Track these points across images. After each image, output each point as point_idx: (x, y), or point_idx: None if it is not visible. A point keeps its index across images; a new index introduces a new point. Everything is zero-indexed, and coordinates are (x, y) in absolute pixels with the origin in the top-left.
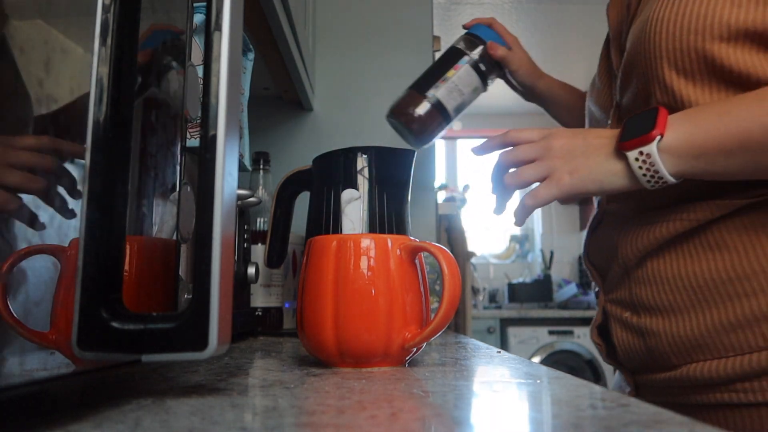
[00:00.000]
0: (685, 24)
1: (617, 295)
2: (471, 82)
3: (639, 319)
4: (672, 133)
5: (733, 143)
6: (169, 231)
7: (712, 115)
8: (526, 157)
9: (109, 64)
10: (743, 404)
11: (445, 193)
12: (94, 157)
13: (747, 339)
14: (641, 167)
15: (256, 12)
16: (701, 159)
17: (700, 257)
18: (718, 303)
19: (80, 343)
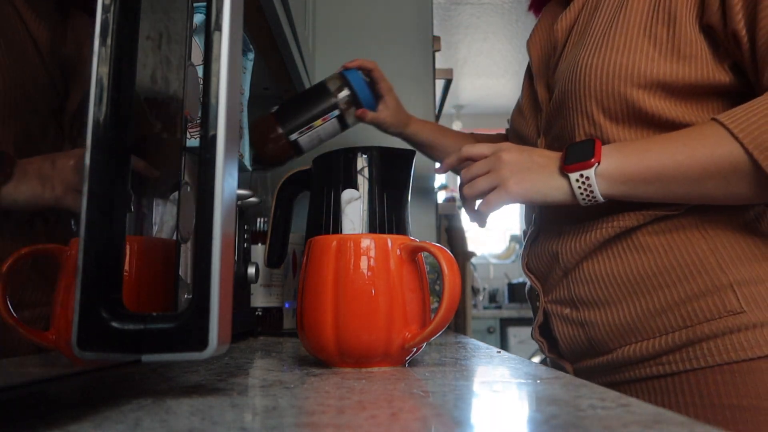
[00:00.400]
0: (610, 71)
1: (557, 296)
2: (333, 131)
3: (578, 313)
4: (605, 162)
5: (651, 174)
6: (169, 231)
7: (637, 151)
8: (480, 171)
9: (109, 64)
10: (668, 374)
11: (445, 193)
12: (94, 157)
13: (669, 321)
14: (580, 187)
15: (256, 12)
16: (627, 185)
17: (627, 258)
18: (644, 293)
19: (80, 343)
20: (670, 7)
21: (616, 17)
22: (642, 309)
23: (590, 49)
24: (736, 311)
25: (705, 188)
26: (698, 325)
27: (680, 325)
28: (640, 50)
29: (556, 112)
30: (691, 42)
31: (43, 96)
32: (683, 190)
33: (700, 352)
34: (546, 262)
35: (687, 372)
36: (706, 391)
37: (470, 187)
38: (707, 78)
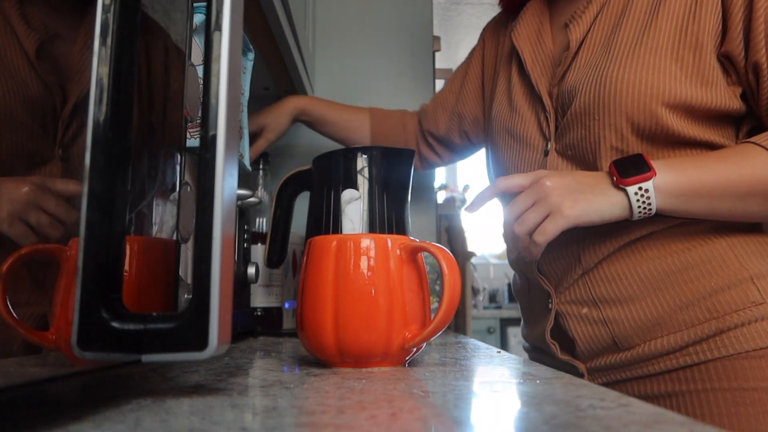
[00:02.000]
0: (642, 88)
1: (573, 296)
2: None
3: (600, 311)
4: (661, 175)
5: (705, 189)
6: (169, 231)
7: (690, 167)
8: (527, 205)
9: (109, 64)
10: (695, 363)
11: (445, 193)
12: (94, 157)
13: (696, 314)
14: (639, 200)
15: (256, 12)
16: (681, 198)
17: (649, 256)
18: (669, 289)
19: (80, 343)
20: (697, 33)
21: (643, 35)
22: (668, 304)
23: (619, 64)
24: (758, 302)
25: (748, 205)
26: (724, 316)
27: (707, 317)
28: (669, 71)
29: (576, 120)
30: (713, 69)
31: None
32: (728, 205)
33: (728, 341)
34: (564, 264)
35: (714, 360)
36: (734, 375)
37: (521, 223)
38: (724, 104)
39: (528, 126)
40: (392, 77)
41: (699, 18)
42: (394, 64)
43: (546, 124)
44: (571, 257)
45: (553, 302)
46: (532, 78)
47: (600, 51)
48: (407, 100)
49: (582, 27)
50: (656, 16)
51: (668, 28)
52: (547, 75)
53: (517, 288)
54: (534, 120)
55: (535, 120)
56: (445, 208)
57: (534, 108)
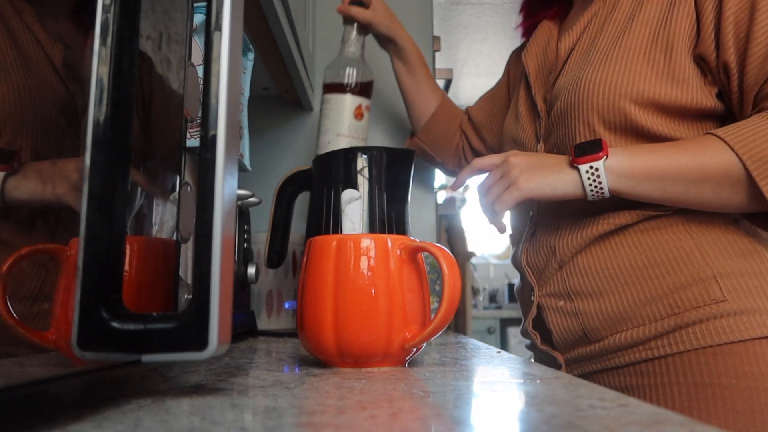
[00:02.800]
0: (611, 87)
1: (551, 289)
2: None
3: (573, 304)
4: (613, 157)
5: (656, 172)
6: (169, 231)
7: (643, 151)
8: (494, 179)
9: (109, 64)
10: (655, 357)
11: (445, 193)
12: (94, 157)
13: (658, 309)
14: (590, 179)
15: (256, 12)
16: (633, 180)
17: (620, 251)
18: (635, 284)
19: (80, 343)
20: (668, 37)
21: (619, 41)
22: (633, 299)
23: (594, 67)
24: (719, 300)
25: (700, 191)
26: (684, 312)
27: (668, 313)
28: (638, 72)
29: (558, 120)
30: (685, 69)
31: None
32: (681, 190)
33: (686, 337)
34: (543, 256)
35: (673, 355)
36: (690, 371)
37: (486, 195)
38: (696, 102)
39: (526, 131)
40: (392, 77)
41: (672, 23)
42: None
43: (539, 127)
44: (549, 250)
45: (535, 294)
46: (532, 89)
47: (582, 58)
48: None
49: (572, 38)
50: (632, 23)
51: (642, 34)
52: (545, 85)
53: (517, 286)
54: (531, 125)
55: (531, 125)
56: (445, 208)
57: (531, 114)
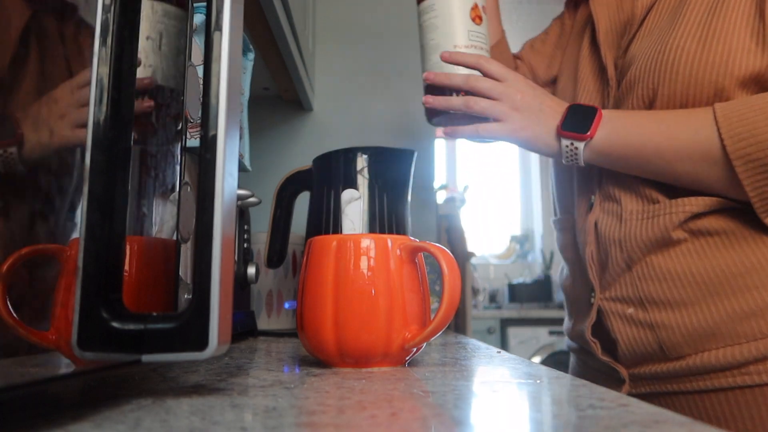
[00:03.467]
0: (706, 58)
1: (618, 293)
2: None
3: (647, 313)
4: (597, 134)
5: (631, 151)
6: (169, 231)
7: (626, 126)
8: (488, 92)
9: (109, 64)
10: (756, 385)
11: (445, 193)
12: (94, 157)
13: (759, 326)
14: (567, 153)
15: (256, 12)
16: (608, 158)
17: (708, 254)
18: (729, 295)
19: (80, 343)
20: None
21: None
22: (726, 312)
23: (684, 33)
24: None
25: (675, 170)
26: None
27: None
28: (741, 43)
29: (628, 90)
30: None
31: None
32: (655, 169)
33: None
34: (606, 252)
35: None
36: None
37: (472, 101)
38: None
39: (591, 98)
40: (392, 77)
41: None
42: (394, 64)
43: (607, 97)
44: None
45: (596, 296)
46: (601, 49)
47: (667, 19)
48: (407, 100)
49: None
50: None
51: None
52: (614, 47)
53: (563, 279)
54: (597, 93)
55: (598, 93)
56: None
57: (599, 80)
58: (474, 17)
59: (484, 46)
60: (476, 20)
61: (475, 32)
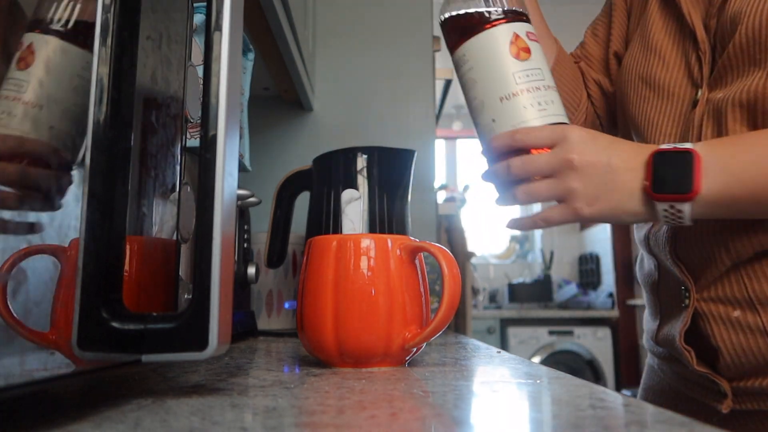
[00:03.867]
0: None
1: (720, 293)
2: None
3: (758, 317)
4: (706, 186)
5: (755, 195)
6: (169, 231)
7: (742, 162)
8: (542, 170)
9: (109, 64)
10: None
11: (445, 193)
12: (94, 157)
13: None
14: (667, 216)
15: (256, 12)
16: (732, 208)
17: None
18: None
19: (80, 343)
20: None
21: None
22: None
23: None
24: None
25: None
26: None
27: None
28: None
29: (738, 58)
30: None
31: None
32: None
33: None
34: (703, 250)
35: None
36: None
37: (528, 191)
38: None
39: (671, 70)
40: (392, 77)
41: None
42: (394, 64)
43: (698, 66)
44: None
45: (691, 297)
46: (683, 7)
47: None
48: (407, 100)
49: None
50: None
51: None
52: (702, 3)
53: (644, 273)
54: (680, 62)
55: (681, 62)
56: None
57: (681, 46)
58: (517, 53)
59: (539, 82)
60: (521, 55)
61: (522, 72)
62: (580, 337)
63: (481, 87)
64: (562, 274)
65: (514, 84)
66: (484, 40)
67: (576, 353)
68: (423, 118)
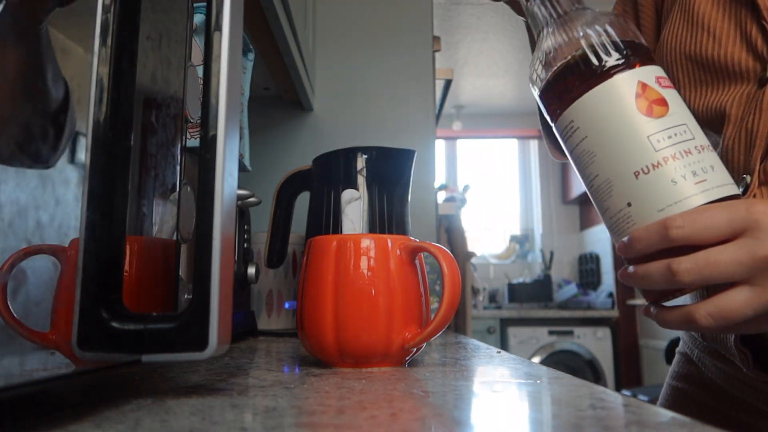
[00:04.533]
0: None
1: None
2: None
3: None
4: None
5: None
6: (169, 231)
7: None
8: (731, 278)
9: (109, 64)
10: None
11: (445, 193)
12: (94, 157)
13: None
14: None
15: (256, 12)
16: None
17: None
18: None
19: (80, 343)
20: None
21: None
22: None
23: None
24: None
25: None
26: None
27: None
28: None
29: None
30: None
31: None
32: None
33: None
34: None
35: None
36: None
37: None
38: None
39: (726, 45)
40: (392, 77)
41: None
42: (394, 64)
43: (762, 38)
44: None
45: None
46: None
47: None
48: (407, 100)
49: None
50: None
51: None
52: None
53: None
54: (736, 35)
55: (738, 35)
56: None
57: (735, 16)
58: (649, 108)
59: (688, 143)
60: (654, 110)
61: (662, 132)
62: (580, 337)
63: (604, 161)
64: (562, 274)
65: (652, 151)
66: (597, 99)
67: (576, 353)
68: (423, 118)
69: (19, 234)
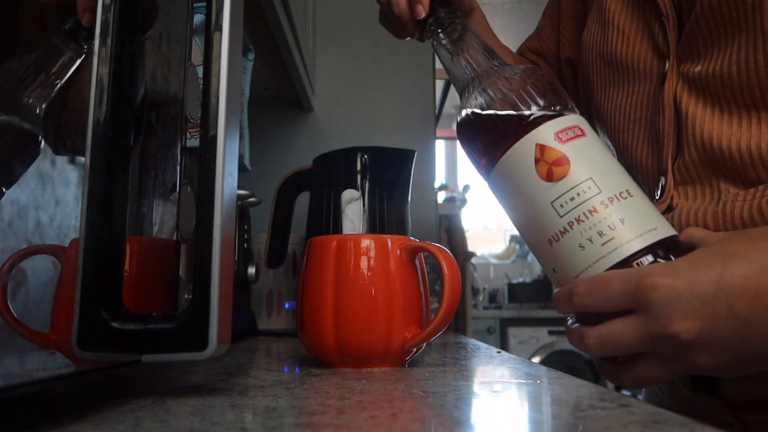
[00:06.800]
0: None
1: None
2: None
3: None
4: None
5: None
6: (169, 231)
7: None
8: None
9: (109, 64)
10: None
11: (445, 193)
12: (94, 157)
13: None
14: None
15: (256, 12)
16: None
17: None
18: None
19: (80, 343)
20: None
21: None
22: None
23: None
24: None
25: None
26: None
27: None
28: None
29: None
30: None
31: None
32: None
33: None
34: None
35: None
36: None
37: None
38: None
39: (635, 43)
40: (392, 77)
41: None
42: (394, 64)
43: (662, 35)
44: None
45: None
46: None
47: None
48: (407, 101)
49: None
50: None
51: None
52: None
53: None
54: (642, 33)
55: (644, 32)
56: (445, 208)
57: (641, 16)
58: (548, 171)
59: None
60: (555, 173)
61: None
62: None
63: (523, 228)
64: None
65: (557, 217)
66: (503, 169)
67: (576, 353)
68: (423, 119)
69: (19, 234)
